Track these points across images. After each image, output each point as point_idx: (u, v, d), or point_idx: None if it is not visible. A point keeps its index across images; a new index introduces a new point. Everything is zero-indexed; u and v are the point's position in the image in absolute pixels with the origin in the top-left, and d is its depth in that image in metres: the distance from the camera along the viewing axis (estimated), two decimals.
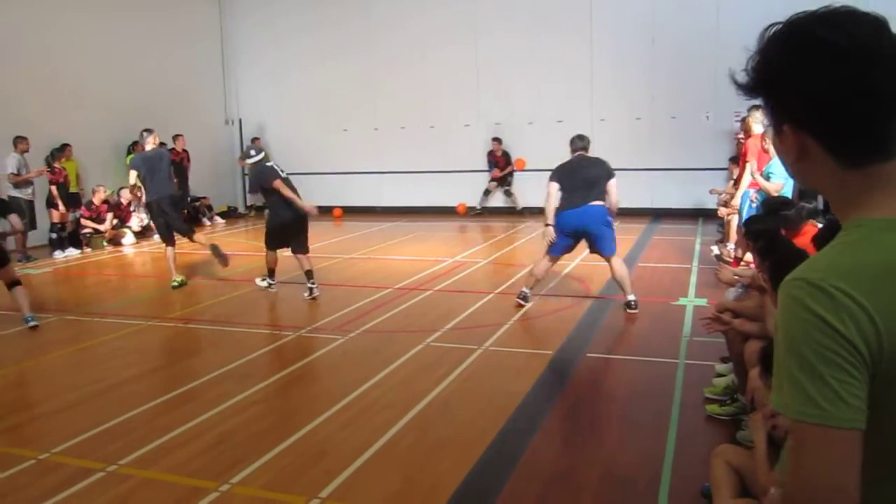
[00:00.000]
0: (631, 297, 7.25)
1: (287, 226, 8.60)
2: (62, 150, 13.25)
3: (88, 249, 13.04)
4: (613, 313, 7.38)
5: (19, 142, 11.92)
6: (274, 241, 8.80)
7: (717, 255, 9.82)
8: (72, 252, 12.66)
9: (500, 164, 16.57)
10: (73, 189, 13.58)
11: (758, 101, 1.31)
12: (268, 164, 8.78)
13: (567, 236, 7.30)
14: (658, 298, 7.84)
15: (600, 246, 7.29)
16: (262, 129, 19.14)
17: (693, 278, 8.88)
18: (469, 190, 16.79)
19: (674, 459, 4.00)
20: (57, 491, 3.84)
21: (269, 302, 8.69)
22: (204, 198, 16.98)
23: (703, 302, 7.52)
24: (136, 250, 13.36)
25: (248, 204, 18.98)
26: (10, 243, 11.87)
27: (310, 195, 18.11)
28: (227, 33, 19.16)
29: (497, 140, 16.60)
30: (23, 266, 11.48)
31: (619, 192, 7.35)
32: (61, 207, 12.77)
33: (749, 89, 1.26)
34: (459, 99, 16.83)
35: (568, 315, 7.25)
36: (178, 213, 9.90)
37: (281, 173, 8.64)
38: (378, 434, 4.45)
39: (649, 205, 15.40)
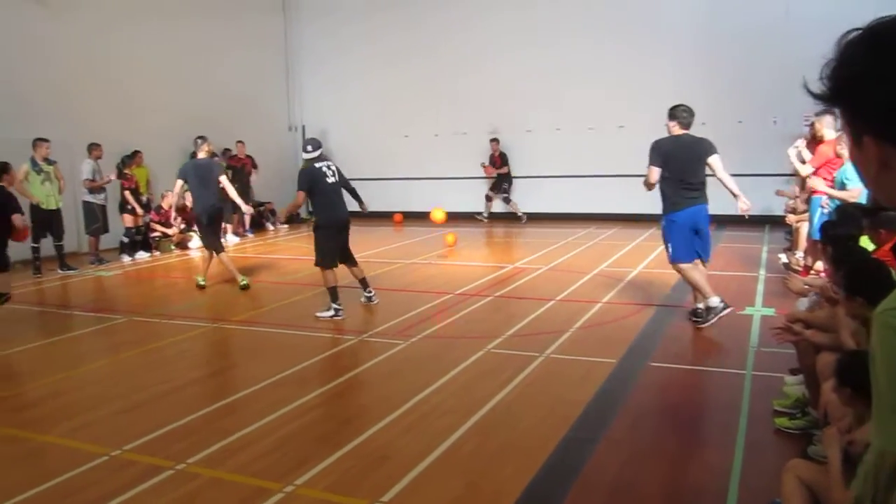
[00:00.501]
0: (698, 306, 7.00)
1: (327, 236, 8.12)
2: (133, 157, 13.64)
3: (157, 253, 13.39)
4: (677, 322, 7.25)
5: (93, 149, 12.32)
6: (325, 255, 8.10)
7: (785, 264, 9.56)
8: (142, 255, 13.02)
9: (497, 164, 16.80)
10: (143, 193, 13.99)
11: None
12: (317, 164, 8.17)
13: (690, 232, 7.02)
14: None
15: (704, 247, 7.16)
16: (324, 135, 19.38)
17: (760, 287, 8.67)
18: (527, 195, 16.72)
19: (741, 473, 3.90)
20: (128, 487, 3.94)
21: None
22: (268, 203, 17.29)
23: (770, 312, 7.33)
24: (202, 254, 13.65)
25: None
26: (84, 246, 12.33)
27: (371, 200, 18.41)
28: (291, 40, 19.51)
29: (495, 140, 16.86)
30: (95, 269, 11.88)
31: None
32: (139, 211, 13.16)
33: (826, 99, 1.19)
34: (520, 105, 16.79)
35: (630, 323, 7.15)
36: (213, 226, 9.99)
37: (326, 178, 8.13)
38: (439, 439, 4.45)
39: (714, 211, 15.03)
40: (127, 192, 13.13)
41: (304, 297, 9.17)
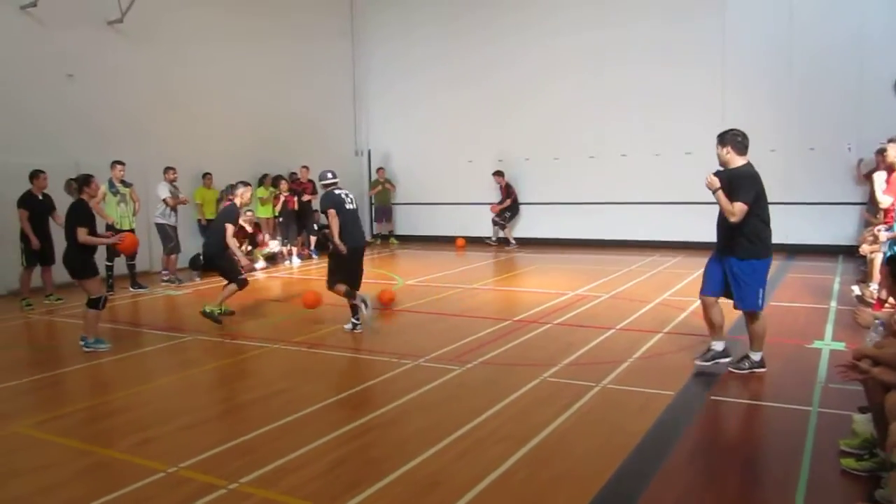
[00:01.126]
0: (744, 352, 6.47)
1: (345, 259, 8.56)
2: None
3: None
4: (741, 354, 7.03)
5: (168, 171, 12.76)
6: (336, 275, 8.65)
7: (857, 296, 9.22)
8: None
9: (501, 196, 17.23)
10: (210, 216, 14.38)
11: None
12: (336, 191, 8.74)
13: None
14: (791, 340, 7.44)
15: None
16: (388, 160, 19.68)
17: (830, 320, 8.37)
18: (596, 221, 16.57)
19: None
20: None
21: (391, 330, 8.84)
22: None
23: (840, 346, 7.08)
24: (266, 275, 13.93)
25: (376, 232, 19.49)
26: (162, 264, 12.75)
27: (434, 225, 18.67)
28: (358, 66, 19.90)
29: (499, 174, 17.30)
30: (166, 287, 12.25)
31: None
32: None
33: None
34: (584, 130, 16.71)
35: (692, 355, 6.97)
36: (224, 262, 9.49)
37: (346, 204, 8.66)
38: (492, 466, 4.42)
39: (784, 241, 14.66)
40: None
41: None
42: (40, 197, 10.70)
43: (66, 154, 12.41)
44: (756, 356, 6.34)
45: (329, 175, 8.95)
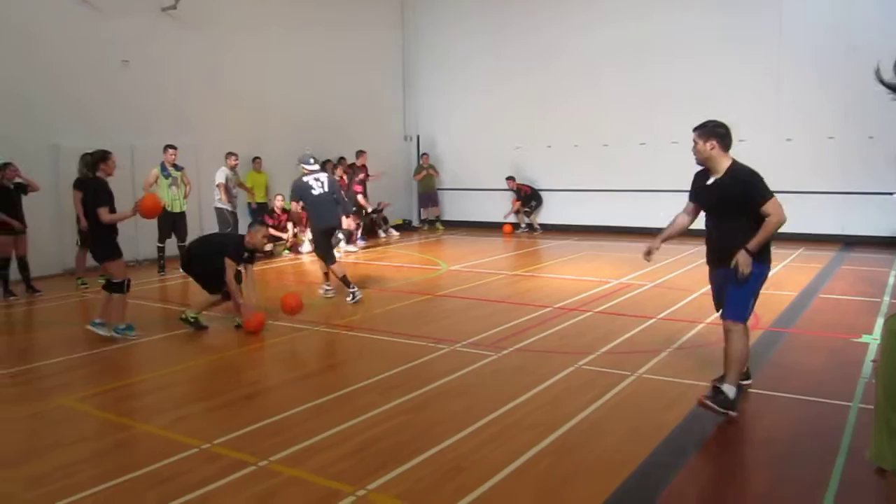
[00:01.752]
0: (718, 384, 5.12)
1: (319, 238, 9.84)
2: (338, 163, 15.49)
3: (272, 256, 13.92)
4: (784, 348, 6.90)
5: (229, 157, 12.94)
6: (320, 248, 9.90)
7: None
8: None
9: (522, 194, 17.62)
10: (261, 200, 14.61)
11: None
12: (305, 178, 9.70)
13: None
14: (838, 334, 7.25)
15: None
16: (437, 146, 19.69)
17: (881, 314, 8.11)
18: (642, 209, 16.34)
19: None
20: (213, 480, 4.13)
21: (430, 314, 8.90)
22: (379, 210, 17.61)
23: None
24: (312, 258, 14.09)
25: (423, 218, 19.56)
26: None
27: (483, 210, 18.63)
28: (408, 54, 19.93)
29: (511, 178, 17.59)
30: None
31: None
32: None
33: None
34: (632, 119, 16.46)
35: None
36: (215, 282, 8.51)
37: (313, 190, 9.58)
38: (517, 454, 4.42)
39: (839, 231, 14.28)
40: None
41: (404, 305, 9.33)
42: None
43: (120, 138, 12.72)
44: (731, 390, 5.00)
45: (311, 160, 9.88)
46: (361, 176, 16.16)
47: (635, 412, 5.21)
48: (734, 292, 5.17)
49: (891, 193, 13.47)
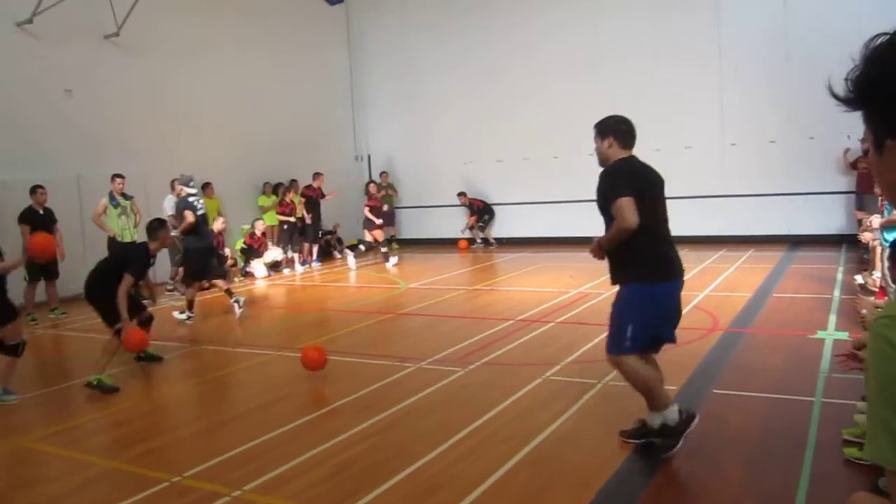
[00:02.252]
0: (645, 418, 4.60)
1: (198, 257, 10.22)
2: (290, 186, 15.54)
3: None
4: (744, 348, 7.04)
5: (175, 183, 12.69)
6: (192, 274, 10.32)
7: (861, 285, 9.20)
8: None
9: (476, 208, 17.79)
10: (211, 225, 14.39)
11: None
12: (190, 198, 10.26)
13: (666, 312, 4.51)
14: (794, 331, 7.42)
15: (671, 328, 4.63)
16: (389, 164, 19.69)
17: (833, 310, 8.33)
18: (595, 219, 16.50)
19: None
20: None
21: (393, 333, 8.87)
22: (332, 232, 17.53)
23: (844, 336, 7.05)
24: (269, 283, 13.96)
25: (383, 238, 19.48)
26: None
27: (436, 227, 18.66)
28: (356, 73, 19.94)
29: (462, 194, 17.81)
30: (170, 297, 12.28)
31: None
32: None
33: (850, 102, 1.20)
34: (583, 129, 16.62)
35: (693, 349, 6.96)
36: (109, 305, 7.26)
37: (198, 210, 10.17)
38: (493, 468, 4.41)
39: (786, 232, 14.66)
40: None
41: (366, 325, 9.27)
42: (41, 212, 10.73)
43: (66, 168, 12.47)
44: (654, 418, 4.46)
45: (192, 183, 10.59)
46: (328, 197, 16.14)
47: (606, 419, 5.25)
48: (612, 319, 4.55)
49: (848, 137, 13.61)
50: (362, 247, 15.65)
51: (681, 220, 16.41)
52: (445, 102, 18.50)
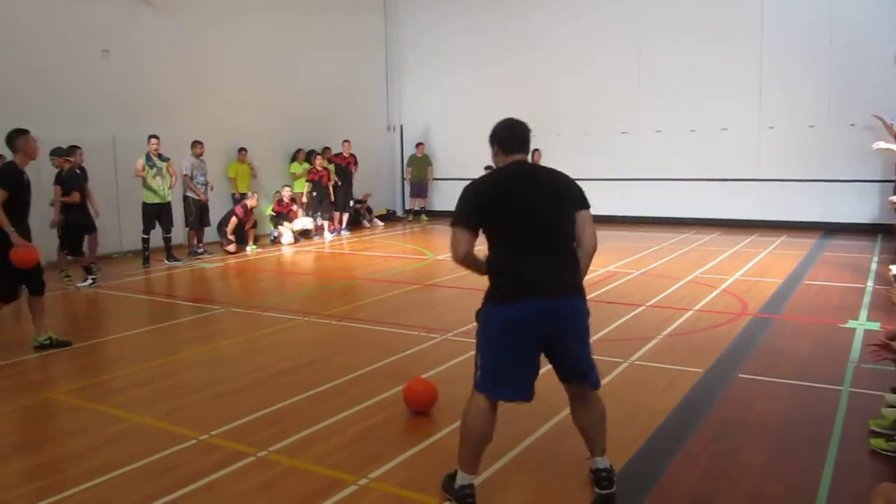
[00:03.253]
0: (604, 465, 3.83)
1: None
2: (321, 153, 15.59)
3: (254, 247, 13.79)
4: (772, 334, 6.98)
5: (195, 146, 12.81)
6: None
7: (895, 276, 9.05)
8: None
9: None
10: (244, 190, 14.51)
11: None
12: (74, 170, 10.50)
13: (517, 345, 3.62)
14: (824, 320, 7.34)
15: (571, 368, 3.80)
16: (422, 135, 19.61)
17: (866, 300, 8.22)
18: (626, 198, 16.41)
19: (829, 495, 3.73)
20: (212, 471, 4.12)
21: (419, 304, 8.91)
22: (363, 201, 17.59)
23: (875, 326, 6.97)
24: (298, 249, 14.06)
25: (407, 208, 19.52)
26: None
27: None
28: (391, 41, 19.82)
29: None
30: (201, 260, 12.44)
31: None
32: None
33: None
34: (617, 105, 16.50)
35: (722, 333, 6.93)
36: None
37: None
38: (515, 442, 4.44)
39: (820, 218, 14.44)
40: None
41: (392, 295, 9.32)
42: (77, 171, 10.88)
43: (102, 129, 12.60)
44: (460, 478, 3.66)
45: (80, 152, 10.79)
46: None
47: (630, 399, 5.25)
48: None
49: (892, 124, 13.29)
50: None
51: (714, 202, 16.43)
52: (479, 72, 18.31)
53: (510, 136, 3.92)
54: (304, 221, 15.15)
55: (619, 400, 5.23)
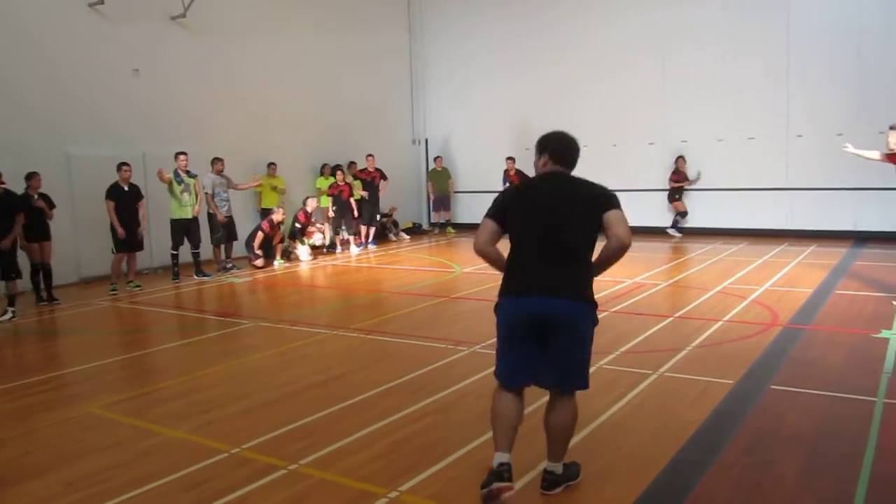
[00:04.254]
0: (553, 468, 4.01)
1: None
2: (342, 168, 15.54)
3: (282, 262, 13.90)
4: (803, 345, 6.90)
5: (216, 162, 12.86)
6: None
7: None
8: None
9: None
10: (271, 205, 14.63)
11: None
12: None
13: (513, 334, 3.96)
14: (857, 330, 7.24)
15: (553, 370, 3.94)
16: (446, 149, 19.70)
17: None
18: (655, 208, 16.33)
19: None
20: (243, 484, 4.16)
21: (446, 317, 8.93)
22: (390, 215, 17.70)
23: None
24: (325, 263, 14.16)
25: (433, 221, 19.58)
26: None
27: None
28: (416, 55, 19.97)
29: (511, 159, 16.92)
30: (228, 275, 12.56)
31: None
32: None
33: None
34: (644, 117, 16.46)
35: (752, 344, 6.87)
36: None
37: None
38: (544, 454, 4.42)
39: (851, 227, 14.26)
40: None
41: (420, 308, 9.35)
42: (126, 188, 11.11)
43: (132, 146, 12.81)
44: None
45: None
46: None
47: (660, 410, 5.22)
48: None
49: None
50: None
51: (741, 213, 16.32)
52: (501, 86, 18.41)
53: (558, 149, 4.17)
54: (317, 237, 15.05)
55: (649, 411, 5.21)
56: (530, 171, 4.26)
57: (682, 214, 15.86)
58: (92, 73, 12.59)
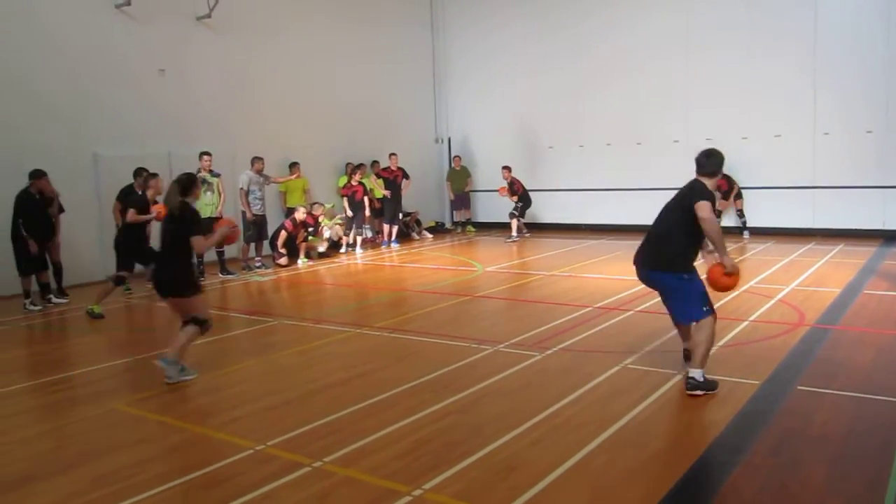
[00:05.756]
0: (694, 374, 5.49)
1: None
2: (357, 168, 15.38)
3: (306, 261, 13.97)
4: (830, 345, 6.82)
5: (255, 161, 13.00)
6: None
7: None
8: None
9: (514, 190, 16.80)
10: (293, 203, 14.69)
11: None
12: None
13: None
14: (885, 330, 7.15)
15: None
16: (468, 147, 19.69)
17: None
18: None
19: None
20: (268, 481, 4.19)
21: (470, 315, 8.92)
22: (413, 213, 17.73)
23: None
24: (351, 261, 14.20)
25: (455, 220, 19.57)
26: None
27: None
28: (438, 54, 19.97)
29: (507, 168, 16.77)
30: (253, 273, 12.64)
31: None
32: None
33: None
34: (668, 115, 16.33)
35: (778, 344, 6.80)
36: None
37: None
38: (569, 453, 4.42)
39: (880, 226, 14.06)
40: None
41: (443, 307, 9.35)
42: (140, 192, 11.20)
43: (157, 146, 12.92)
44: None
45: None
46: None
47: (685, 411, 5.19)
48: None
49: None
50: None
51: (767, 211, 16.16)
52: (525, 84, 18.36)
53: (698, 159, 6.10)
54: (326, 235, 14.97)
55: (675, 411, 5.19)
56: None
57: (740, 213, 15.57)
58: (118, 74, 12.71)
